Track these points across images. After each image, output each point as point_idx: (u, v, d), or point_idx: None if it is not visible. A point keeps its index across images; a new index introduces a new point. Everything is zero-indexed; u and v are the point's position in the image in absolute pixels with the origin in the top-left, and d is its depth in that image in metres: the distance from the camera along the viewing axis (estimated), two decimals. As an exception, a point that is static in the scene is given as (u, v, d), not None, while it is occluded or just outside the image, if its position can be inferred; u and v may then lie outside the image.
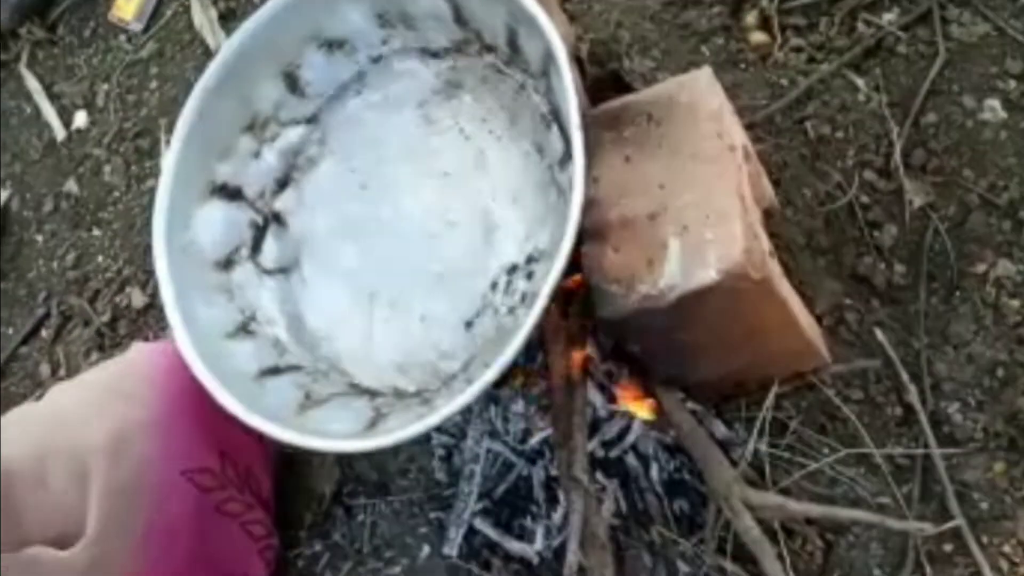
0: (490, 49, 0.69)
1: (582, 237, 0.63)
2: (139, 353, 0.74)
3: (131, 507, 0.67)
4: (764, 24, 0.90)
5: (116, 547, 0.66)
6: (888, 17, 0.87)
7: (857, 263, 0.81)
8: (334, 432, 0.61)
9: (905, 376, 0.76)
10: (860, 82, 0.85)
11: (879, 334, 0.78)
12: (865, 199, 0.82)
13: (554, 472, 0.81)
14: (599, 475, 0.81)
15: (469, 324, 0.66)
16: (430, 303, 0.67)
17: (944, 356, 0.77)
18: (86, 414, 0.69)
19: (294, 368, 0.68)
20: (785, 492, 0.75)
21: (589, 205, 0.63)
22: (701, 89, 0.63)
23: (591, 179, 0.63)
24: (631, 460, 0.82)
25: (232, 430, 0.63)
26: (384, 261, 0.70)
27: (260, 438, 0.62)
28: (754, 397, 0.78)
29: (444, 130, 0.71)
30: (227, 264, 0.71)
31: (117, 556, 0.66)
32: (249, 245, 0.72)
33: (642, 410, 0.76)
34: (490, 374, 0.56)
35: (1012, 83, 0.82)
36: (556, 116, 0.64)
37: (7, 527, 0.69)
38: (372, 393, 0.67)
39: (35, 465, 0.68)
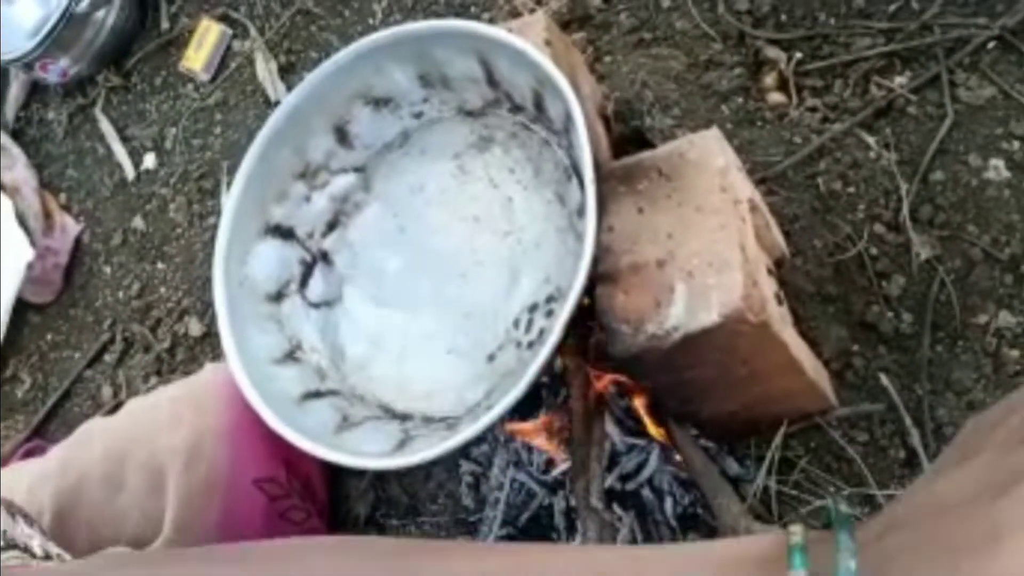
0: (519, 108, 0.76)
1: (596, 280, 0.69)
2: (211, 372, 0.82)
3: (204, 511, 0.74)
4: (782, 85, 0.95)
5: (190, 543, 0.73)
6: (899, 80, 0.91)
7: (865, 311, 0.85)
8: (366, 451, 0.67)
9: (908, 420, 0.80)
10: (871, 140, 0.89)
11: (884, 380, 0.82)
12: (874, 251, 0.86)
13: (573, 502, 0.86)
14: (616, 507, 0.86)
15: (492, 357, 0.72)
16: (457, 337, 0.73)
17: (946, 402, 0.81)
18: (163, 423, 0.76)
19: (333, 393, 0.74)
20: (790, 527, 0.78)
21: (604, 251, 0.69)
22: (709, 147, 0.69)
23: (606, 228, 0.69)
24: (647, 493, 0.86)
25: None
26: (418, 298, 0.76)
27: None
28: (764, 436, 0.82)
29: (476, 179, 0.77)
30: (278, 297, 0.78)
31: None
32: (298, 280, 0.80)
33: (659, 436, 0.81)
34: (507, 401, 0.61)
35: (1016, 144, 0.85)
36: (576, 170, 0.71)
37: (82, 532, 0.75)
38: (402, 417, 0.73)
39: (114, 469, 0.75)
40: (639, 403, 0.80)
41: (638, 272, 0.67)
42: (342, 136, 0.80)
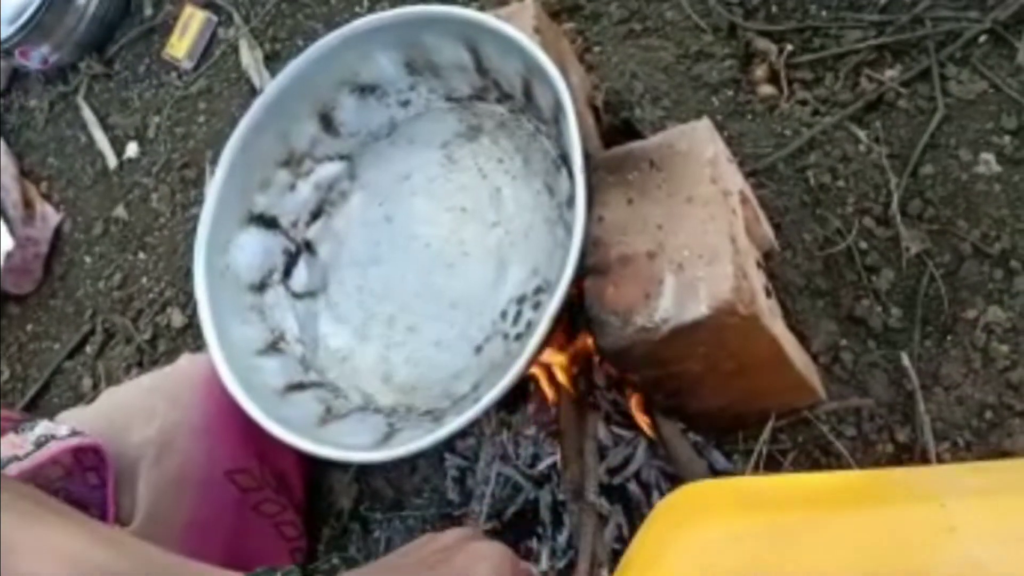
0: (507, 97, 0.75)
1: (586, 272, 0.68)
2: (188, 362, 0.80)
3: (175, 501, 0.72)
4: (772, 78, 0.94)
5: (161, 534, 0.71)
6: (890, 73, 0.91)
7: (854, 305, 0.84)
8: (351, 444, 0.66)
9: (897, 415, 0.79)
10: (861, 134, 0.89)
11: (873, 374, 0.82)
12: (863, 245, 0.85)
13: (561, 496, 0.85)
14: (603, 500, 0.85)
15: (479, 349, 0.71)
16: (444, 328, 0.72)
17: (935, 397, 0.80)
18: (138, 412, 0.75)
19: (317, 384, 0.73)
20: (778, 522, 0.78)
21: (593, 243, 0.68)
22: (699, 138, 0.68)
23: (596, 219, 0.68)
24: (633, 487, 0.86)
25: (269, 435, 0.68)
26: (403, 288, 0.75)
27: None
28: (752, 430, 0.81)
29: (464, 169, 0.76)
30: (261, 287, 0.77)
31: (162, 541, 0.71)
32: (281, 270, 0.78)
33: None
34: (494, 393, 0.60)
35: (1007, 139, 0.85)
36: (565, 160, 0.70)
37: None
38: (387, 410, 0.72)
39: None
40: (628, 397, 0.80)
41: (627, 264, 0.66)
42: (327, 123, 0.79)
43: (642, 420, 0.81)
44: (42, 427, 0.70)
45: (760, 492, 0.48)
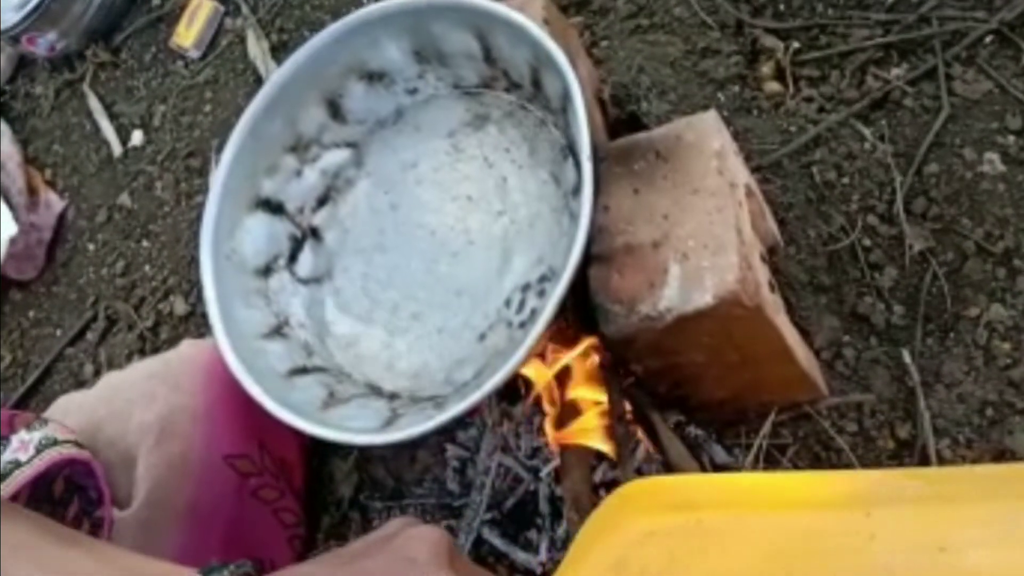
0: (515, 86, 0.75)
1: (590, 261, 0.68)
2: (189, 347, 0.80)
3: (174, 486, 0.73)
4: (779, 74, 0.94)
5: (160, 518, 0.72)
6: (896, 72, 0.91)
7: (857, 302, 0.84)
8: (353, 428, 0.66)
9: (898, 412, 0.80)
10: (867, 132, 0.89)
11: (875, 370, 0.82)
12: (867, 242, 0.86)
13: (559, 492, 0.85)
14: (603, 495, 0.85)
15: (483, 336, 0.71)
16: (448, 316, 0.72)
17: (936, 394, 0.80)
18: (137, 397, 0.75)
19: (320, 369, 0.73)
20: (778, 516, 0.78)
21: (598, 232, 0.68)
22: (706, 129, 0.68)
23: (601, 208, 0.68)
24: (635, 481, 0.86)
25: (270, 421, 0.68)
26: (408, 276, 0.75)
27: (295, 431, 0.68)
28: (753, 424, 0.82)
29: (470, 158, 0.76)
30: (266, 271, 0.77)
31: (162, 525, 0.72)
32: (287, 255, 0.78)
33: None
34: (497, 379, 0.61)
35: (1011, 139, 0.85)
36: (572, 149, 0.70)
37: None
38: (390, 396, 0.72)
39: (88, 439, 0.73)
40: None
41: (632, 253, 0.67)
42: (335, 110, 0.79)
43: (635, 427, 0.81)
44: (47, 429, 0.70)
45: (693, 490, 0.49)
